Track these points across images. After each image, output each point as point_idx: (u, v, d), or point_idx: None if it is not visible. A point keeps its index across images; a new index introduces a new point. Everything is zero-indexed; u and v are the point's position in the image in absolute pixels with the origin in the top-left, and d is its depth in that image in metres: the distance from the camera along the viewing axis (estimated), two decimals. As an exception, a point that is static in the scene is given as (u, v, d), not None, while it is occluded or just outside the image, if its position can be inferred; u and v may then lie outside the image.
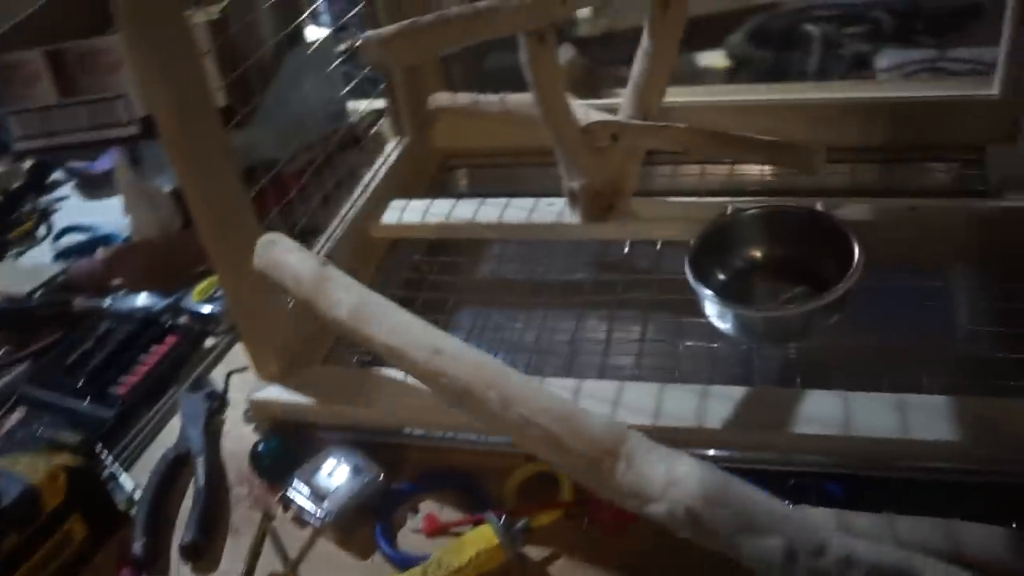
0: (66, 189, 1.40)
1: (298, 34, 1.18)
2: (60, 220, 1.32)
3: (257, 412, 0.84)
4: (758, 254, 0.84)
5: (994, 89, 0.97)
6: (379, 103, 1.17)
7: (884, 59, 1.62)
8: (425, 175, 1.14)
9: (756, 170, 1.04)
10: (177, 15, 0.67)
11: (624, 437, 0.52)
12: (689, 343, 0.84)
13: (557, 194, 0.97)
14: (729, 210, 0.84)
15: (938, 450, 0.66)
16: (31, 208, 1.35)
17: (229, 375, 0.95)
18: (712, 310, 0.79)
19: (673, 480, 0.48)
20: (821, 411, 0.68)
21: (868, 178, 1.04)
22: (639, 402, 0.72)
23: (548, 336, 0.90)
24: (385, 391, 0.79)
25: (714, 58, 1.77)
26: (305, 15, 1.05)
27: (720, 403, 0.71)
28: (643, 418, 0.71)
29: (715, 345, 0.82)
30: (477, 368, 0.59)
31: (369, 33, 0.67)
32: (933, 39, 1.64)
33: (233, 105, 1.00)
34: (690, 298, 0.84)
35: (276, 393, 0.81)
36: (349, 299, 0.68)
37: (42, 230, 1.31)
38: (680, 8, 0.82)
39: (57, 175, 1.44)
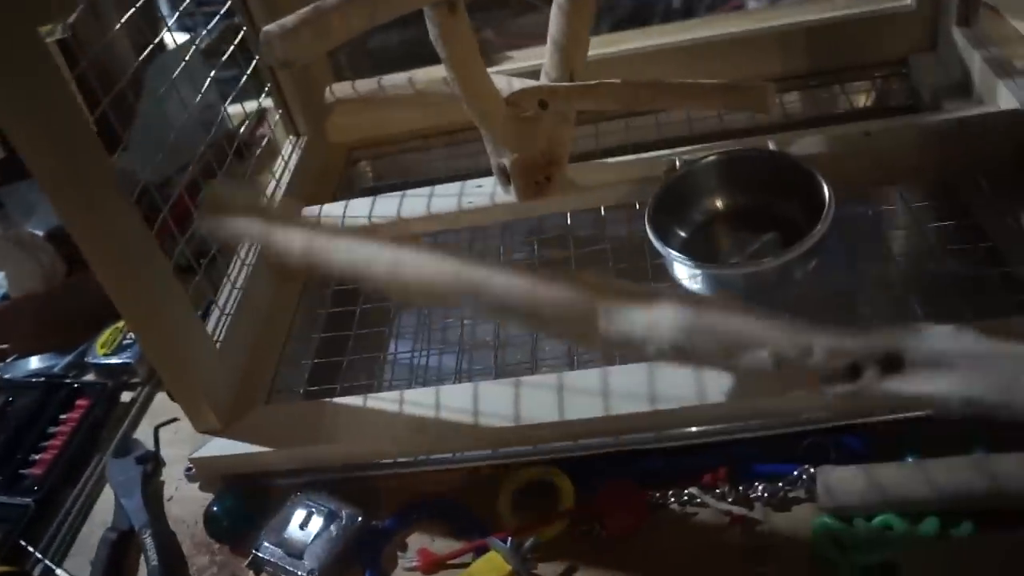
0: (-78, 250, 1.25)
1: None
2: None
3: (203, 471, 0.75)
4: (718, 205, 0.79)
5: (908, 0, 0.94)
6: (265, 102, 1.07)
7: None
8: (331, 175, 1.05)
9: (683, 114, 0.98)
10: (31, 34, 0.56)
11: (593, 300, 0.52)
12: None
13: (473, 174, 0.91)
14: (678, 163, 0.79)
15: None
16: None
17: (157, 430, 0.85)
18: (682, 272, 0.74)
19: (652, 323, 0.49)
20: (825, 364, 0.64)
21: (797, 108, 1.00)
22: (631, 387, 0.66)
23: (503, 328, 0.83)
24: (344, 423, 0.71)
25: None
26: (171, 22, 0.93)
27: (716, 374, 0.65)
28: (640, 404, 0.65)
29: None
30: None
31: (270, 27, 0.58)
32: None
33: (103, 130, 0.90)
34: (651, 262, 0.78)
35: (220, 447, 0.72)
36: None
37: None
38: (592, -45, 0.75)
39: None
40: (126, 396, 0.91)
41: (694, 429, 0.66)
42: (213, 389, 0.72)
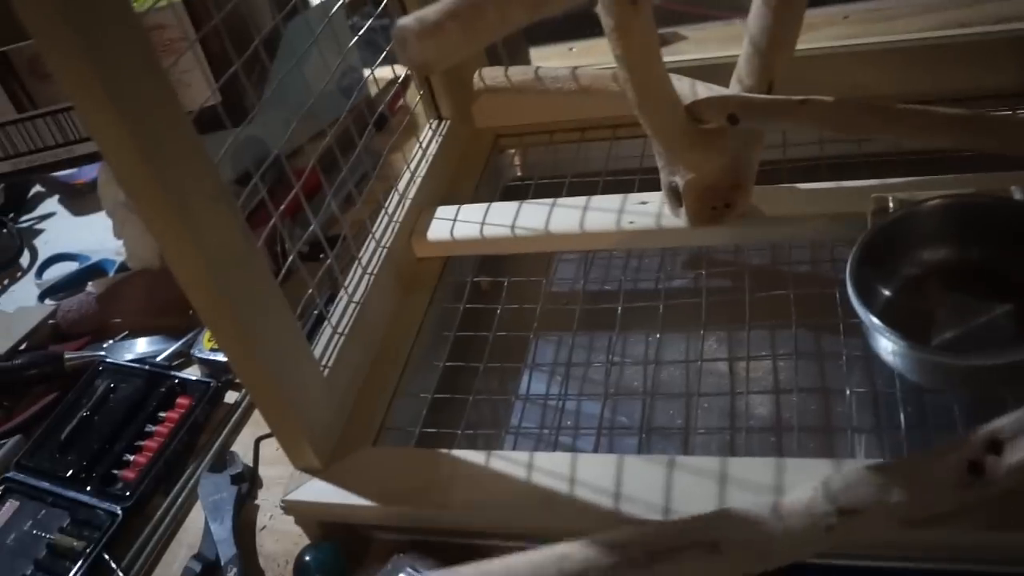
0: (51, 204, 1.21)
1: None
2: (45, 245, 1.13)
3: (297, 515, 0.65)
4: (938, 257, 0.63)
5: None
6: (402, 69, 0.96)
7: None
8: (474, 164, 0.93)
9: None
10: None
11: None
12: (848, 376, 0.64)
13: (637, 175, 0.78)
14: (891, 203, 0.64)
15: None
16: (8, 233, 1.15)
17: (258, 443, 0.77)
18: (883, 346, 0.59)
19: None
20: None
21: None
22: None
23: (660, 375, 0.70)
24: (460, 483, 0.60)
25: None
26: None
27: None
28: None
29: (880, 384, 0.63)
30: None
31: (405, 20, 0.45)
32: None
33: (231, 100, 0.81)
34: (844, 320, 0.64)
35: (317, 491, 0.63)
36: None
37: (26, 257, 1.12)
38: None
39: (38, 188, 1.24)
40: (231, 395, 0.83)
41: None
42: (315, 423, 0.63)
